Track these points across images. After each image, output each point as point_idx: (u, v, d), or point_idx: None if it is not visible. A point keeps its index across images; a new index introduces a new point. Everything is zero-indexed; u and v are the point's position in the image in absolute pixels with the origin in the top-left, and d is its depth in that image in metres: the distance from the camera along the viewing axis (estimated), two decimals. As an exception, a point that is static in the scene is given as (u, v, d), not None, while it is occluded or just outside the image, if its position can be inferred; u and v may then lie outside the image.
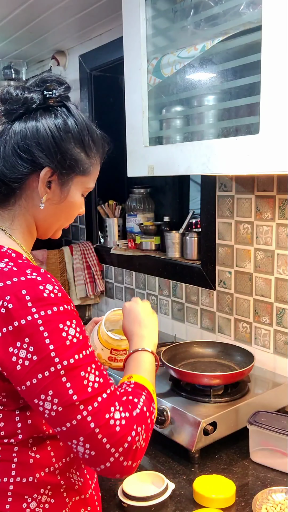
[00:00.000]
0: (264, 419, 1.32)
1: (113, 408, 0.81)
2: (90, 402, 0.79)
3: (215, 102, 1.34)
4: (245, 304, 1.74)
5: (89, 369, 0.81)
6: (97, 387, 0.80)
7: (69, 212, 1.00)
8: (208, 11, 1.28)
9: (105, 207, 2.49)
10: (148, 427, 0.87)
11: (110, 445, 0.80)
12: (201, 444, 1.30)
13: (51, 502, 0.90)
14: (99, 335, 1.16)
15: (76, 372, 0.79)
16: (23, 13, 2.00)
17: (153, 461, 1.36)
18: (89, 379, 0.80)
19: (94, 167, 0.99)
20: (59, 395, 0.78)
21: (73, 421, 0.79)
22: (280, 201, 1.57)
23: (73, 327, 0.81)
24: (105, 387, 0.82)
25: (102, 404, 0.80)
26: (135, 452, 0.82)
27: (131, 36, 1.46)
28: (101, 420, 0.79)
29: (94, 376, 0.81)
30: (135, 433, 0.82)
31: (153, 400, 0.92)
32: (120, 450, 0.80)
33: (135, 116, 1.49)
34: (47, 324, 0.79)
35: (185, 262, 1.99)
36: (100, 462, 0.81)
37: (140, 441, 0.83)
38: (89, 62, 2.41)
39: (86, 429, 0.79)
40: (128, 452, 0.81)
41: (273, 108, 1.09)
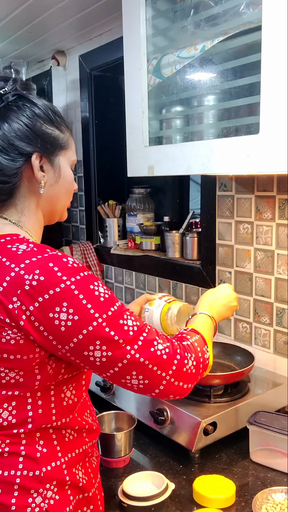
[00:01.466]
0: (264, 419, 1.32)
1: (155, 342, 0.92)
2: (134, 342, 0.89)
3: (215, 102, 1.34)
4: (245, 304, 1.74)
5: (126, 316, 0.91)
6: (136, 330, 0.91)
7: (67, 188, 1.06)
8: (208, 11, 1.28)
9: (105, 207, 2.49)
10: (198, 358, 0.99)
11: (161, 370, 0.92)
12: (201, 444, 1.30)
13: (56, 498, 0.92)
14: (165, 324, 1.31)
15: (115, 321, 0.88)
16: (23, 13, 2.00)
17: (153, 461, 1.36)
18: (128, 324, 0.90)
19: (70, 140, 1.05)
20: (106, 342, 0.87)
21: (123, 361, 0.89)
22: (280, 201, 1.57)
23: (101, 286, 0.90)
24: (143, 328, 0.93)
25: (145, 341, 0.91)
26: (185, 374, 0.95)
27: (131, 36, 1.46)
28: (148, 353, 0.90)
29: (131, 321, 0.91)
30: (182, 357, 0.95)
31: (206, 344, 1.05)
32: (170, 373, 0.93)
33: (135, 116, 1.50)
34: (80, 287, 0.86)
35: (185, 262, 1.99)
36: (155, 386, 0.93)
37: (189, 365, 0.96)
38: (89, 62, 2.41)
39: (137, 364, 0.90)
40: (178, 374, 0.94)
41: (273, 108, 1.09)
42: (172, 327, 1.32)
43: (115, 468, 1.33)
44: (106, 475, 1.30)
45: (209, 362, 1.04)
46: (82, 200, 2.65)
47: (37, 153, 0.97)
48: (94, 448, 1.04)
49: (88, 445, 1.00)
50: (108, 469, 1.32)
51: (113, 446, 1.32)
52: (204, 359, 1.02)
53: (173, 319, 1.30)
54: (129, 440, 1.34)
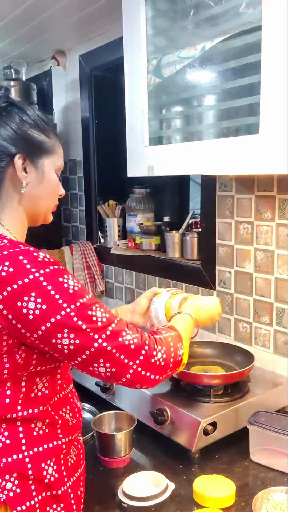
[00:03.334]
0: (264, 419, 1.32)
1: (124, 333, 0.96)
2: (102, 331, 0.93)
3: (215, 102, 1.34)
4: (245, 304, 1.74)
5: (95, 308, 0.94)
6: (105, 321, 0.94)
7: (50, 192, 1.10)
8: (208, 11, 1.28)
9: (105, 207, 2.49)
10: (169, 352, 1.03)
11: (128, 359, 0.95)
12: (201, 444, 1.30)
13: (16, 491, 0.92)
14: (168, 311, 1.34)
15: (84, 312, 0.91)
16: (23, 13, 2.00)
17: (153, 461, 1.36)
18: (97, 316, 0.93)
19: (57, 146, 1.09)
20: (74, 330, 0.90)
21: (91, 348, 0.92)
22: (280, 201, 1.57)
23: (70, 279, 0.93)
24: (112, 319, 0.96)
25: (113, 331, 0.94)
26: (152, 365, 0.98)
27: (131, 36, 1.46)
28: (116, 342, 0.94)
29: (100, 313, 0.94)
30: (150, 348, 0.98)
31: (182, 341, 1.09)
32: (137, 362, 0.96)
33: (135, 116, 1.50)
34: (48, 279, 0.90)
35: (185, 262, 1.99)
36: (122, 375, 0.96)
37: (157, 357, 0.99)
38: (89, 62, 2.41)
39: (105, 352, 0.93)
40: (145, 364, 0.97)
41: (273, 108, 1.09)
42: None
43: (115, 468, 1.33)
44: (106, 475, 1.30)
45: (182, 359, 1.08)
46: (82, 200, 2.65)
47: (20, 154, 1.02)
48: (73, 445, 1.04)
49: (62, 441, 1.00)
50: (108, 469, 1.32)
51: (113, 446, 1.32)
52: (176, 355, 1.05)
53: (175, 310, 1.33)
54: (129, 440, 1.34)
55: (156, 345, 1.00)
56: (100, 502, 1.19)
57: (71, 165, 2.70)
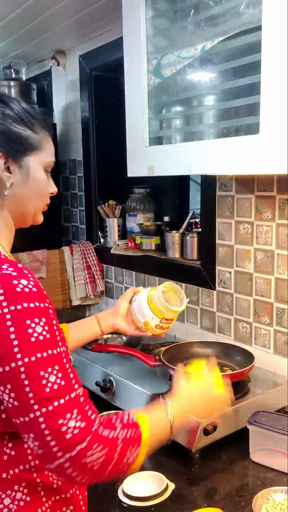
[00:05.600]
0: (264, 419, 1.32)
1: (69, 415, 0.80)
2: (45, 403, 0.79)
3: (215, 102, 1.34)
4: (245, 304, 1.74)
5: (51, 370, 0.80)
6: (56, 389, 0.80)
7: (38, 191, 1.00)
8: (208, 11, 1.27)
9: (105, 207, 2.49)
10: (111, 457, 0.83)
11: (57, 449, 0.79)
12: (201, 444, 1.30)
13: (27, 500, 0.90)
14: (153, 304, 1.25)
15: (35, 371, 0.79)
16: (23, 13, 2.00)
17: (153, 461, 1.36)
18: (49, 380, 0.80)
19: (45, 141, 1.00)
20: (16, 390, 0.79)
21: (25, 418, 0.80)
22: (280, 201, 1.57)
23: (41, 324, 0.81)
24: (66, 392, 0.81)
25: (57, 408, 0.79)
26: (82, 466, 0.80)
27: (131, 36, 1.46)
28: (53, 424, 0.79)
29: (55, 378, 0.80)
30: (88, 448, 0.80)
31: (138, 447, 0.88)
32: (66, 456, 0.80)
33: (135, 116, 1.49)
34: (15, 319, 0.79)
35: (185, 262, 1.99)
36: (47, 461, 0.81)
37: (93, 459, 0.80)
38: (89, 62, 2.41)
39: (37, 428, 0.79)
40: (75, 462, 0.80)
41: (273, 108, 1.09)
42: (161, 305, 1.25)
43: (115, 468, 1.33)
44: (106, 475, 1.30)
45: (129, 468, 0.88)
46: (82, 200, 2.65)
47: (2, 153, 0.94)
48: None
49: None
50: (108, 469, 1.32)
51: (113, 446, 1.32)
52: (121, 462, 0.85)
53: (159, 296, 1.25)
54: (129, 440, 1.34)
55: (98, 446, 0.81)
56: (100, 502, 1.19)
57: (71, 165, 2.71)
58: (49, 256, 2.43)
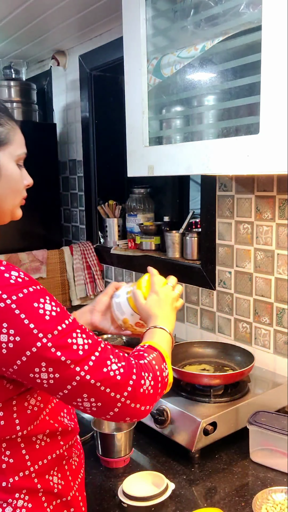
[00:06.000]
0: (264, 419, 1.32)
1: (109, 362, 0.86)
2: (84, 362, 0.83)
3: (215, 102, 1.34)
4: (245, 304, 1.74)
5: (75, 335, 0.84)
6: (87, 348, 0.84)
7: (13, 187, 0.96)
8: (208, 11, 1.27)
9: (105, 207, 2.49)
10: (156, 377, 0.92)
11: (115, 392, 0.85)
12: (201, 444, 1.30)
13: (28, 506, 0.89)
14: (131, 301, 1.19)
15: (63, 341, 0.82)
16: (23, 13, 2.00)
17: (153, 461, 1.36)
18: (78, 343, 0.84)
19: (13, 132, 0.94)
20: (52, 363, 0.81)
21: (73, 383, 0.82)
22: (280, 201, 1.57)
23: (48, 302, 0.83)
24: (96, 346, 0.86)
25: (97, 361, 0.84)
26: (142, 395, 0.88)
27: (131, 36, 1.46)
28: (100, 374, 0.84)
29: (82, 339, 0.84)
30: (138, 377, 0.88)
31: (165, 361, 0.97)
32: (125, 395, 0.86)
33: (135, 116, 1.49)
34: (21, 306, 0.80)
35: (185, 262, 1.99)
36: (109, 409, 0.86)
37: (146, 386, 0.89)
38: (89, 62, 2.41)
39: (88, 386, 0.83)
40: (134, 396, 0.87)
41: (273, 108, 1.09)
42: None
43: (115, 468, 1.33)
44: (106, 475, 1.30)
45: (168, 380, 0.97)
46: (82, 200, 2.65)
47: None
48: (73, 448, 1.01)
49: (64, 448, 0.97)
50: (108, 469, 1.32)
51: (113, 446, 1.32)
52: (163, 378, 0.94)
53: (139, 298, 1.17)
54: (129, 440, 1.34)
55: (144, 372, 0.90)
56: (100, 502, 1.19)
57: (71, 165, 2.70)
58: (49, 256, 2.43)
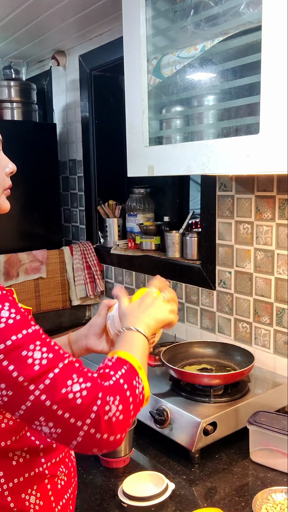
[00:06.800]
0: (264, 419, 1.32)
1: (70, 381, 0.76)
2: (40, 380, 0.74)
3: (215, 102, 1.34)
4: (245, 304, 1.74)
5: (33, 347, 0.75)
6: (45, 364, 0.75)
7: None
8: (208, 11, 1.27)
9: (105, 207, 2.49)
10: (126, 399, 0.80)
11: (75, 419, 0.74)
12: (201, 444, 1.30)
13: None
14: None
15: (17, 353, 0.74)
16: (23, 13, 2.00)
17: (153, 461, 1.36)
18: (34, 357, 0.75)
19: None
20: (4, 379, 0.74)
21: (27, 403, 0.74)
22: (280, 201, 1.57)
23: (6, 309, 0.76)
24: (57, 362, 0.77)
25: (55, 380, 0.75)
26: (108, 424, 0.76)
27: (131, 36, 1.46)
28: (57, 395, 0.74)
29: (40, 353, 0.76)
30: (103, 403, 0.76)
31: (137, 374, 0.85)
32: (87, 422, 0.75)
33: (135, 116, 1.49)
34: None
35: (185, 262, 1.99)
36: (71, 438, 0.76)
37: (113, 412, 0.77)
38: (89, 62, 2.41)
39: (44, 408, 0.74)
40: (98, 424, 0.75)
41: (273, 108, 1.08)
42: None
43: (115, 468, 1.33)
44: (106, 475, 1.30)
45: (144, 395, 0.86)
46: (82, 200, 2.65)
47: None
48: (61, 466, 0.93)
49: (45, 466, 0.89)
50: (108, 469, 1.32)
51: (113, 446, 1.32)
52: (135, 396, 0.82)
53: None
54: (129, 440, 1.34)
55: (109, 397, 0.77)
56: (100, 502, 1.19)
57: (71, 165, 2.70)
58: (49, 256, 2.43)
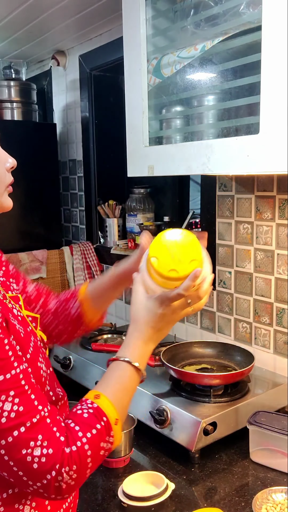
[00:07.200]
0: (264, 419, 1.32)
1: (32, 443, 0.72)
2: (4, 434, 0.71)
3: (215, 102, 1.34)
4: (245, 304, 1.74)
5: (4, 398, 0.71)
6: (14, 417, 0.72)
7: None
8: (208, 11, 1.27)
9: (105, 207, 2.49)
10: (84, 467, 0.76)
11: (27, 478, 0.74)
12: (201, 444, 1.30)
13: None
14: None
15: None
16: (23, 13, 2.00)
17: (153, 461, 1.36)
18: (4, 409, 0.71)
19: None
20: None
21: None
22: (280, 201, 1.57)
23: None
24: (27, 417, 0.73)
25: (18, 438, 0.72)
26: (58, 489, 0.74)
27: (131, 36, 1.46)
28: (16, 454, 0.72)
29: (11, 405, 0.72)
30: (58, 473, 0.73)
31: (109, 432, 0.80)
32: (38, 485, 0.74)
33: (135, 116, 1.49)
34: None
35: (185, 262, 1.99)
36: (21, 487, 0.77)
37: (65, 480, 0.74)
38: (89, 62, 2.41)
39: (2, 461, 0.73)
40: (48, 488, 0.74)
41: (273, 108, 1.08)
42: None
43: (115, 468, 1.33)
44: (106, 475, 1.30)
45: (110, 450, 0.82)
46: (82, 200, 2.65)
47: None
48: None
49: None
50: (108, 469, 1.32)
51: (113, 446, 1.32)
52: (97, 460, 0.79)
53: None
54: (129, 440, 1.34)
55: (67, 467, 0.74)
56: (100, 502, 1.19)
57: (71, 165, 2.70)
58: (49, 256, 2.43)
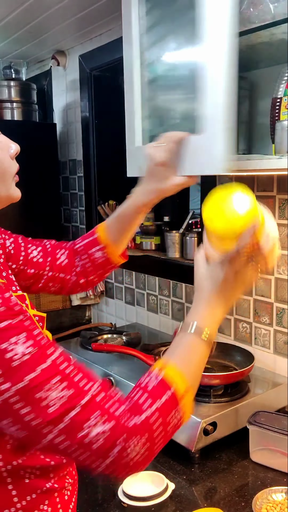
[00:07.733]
0: (264, 419, 1.32)
1: (87, 423, 0.69)
2: (55, 423, 0.68)
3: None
4: (245, 304, 1.74)
5: (49, 386, 0.68)
6: (63, 403, 0.68)
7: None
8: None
9: (105, 207, 2.49)
10: (152, 440, 0.73)
11: (91, 460, 0.70)
12: (201, 444, 1.30)
13: None
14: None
15: (31, 395, 0.67)
16: (23, 13, 2.00)
17: (153, 461, 1.35)
18: (50, 397, 0.68)
19: None
20: (18, 421, 0.68)
21: (43, 441, 0.70)
22: (280, 201, 1.57)
23: (20, 343, 0.68)
24: (77, 399, 0.69)
25: (72, 422, 0.68)
26: (126, 466, 0.71)
27: (131, 36, 1.46)
28: (73, 439, 0.69)
29: (56, 392, 0.68)
30: (123, 448, 0.70)
31: (177, 405, 0.76)
32: (104, 465, 0.70)
33: (134, 116, 1.49)
34: None
35: (185, 262, 1.99)
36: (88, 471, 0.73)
37: (133, 455, 0.71)
38: (89, 62, 2.40)
39: (60, 448, 0.70)
40: (116, 465, 0.71)
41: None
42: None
43: (115, 468, 1.33)
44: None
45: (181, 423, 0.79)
46: (82, 200, 2.65)
47: None
48: (67, 477, 0.91)
49: (54, 480, 0.88)
50: (108, 469, 1.32)
51: (113, 446, 1.32)
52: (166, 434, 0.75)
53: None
54: (129, 440, 1.34)
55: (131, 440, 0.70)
56: (100, 502, 1.19)
57: (71, 165, 2.70)
58: (49, 256, 2.42)
